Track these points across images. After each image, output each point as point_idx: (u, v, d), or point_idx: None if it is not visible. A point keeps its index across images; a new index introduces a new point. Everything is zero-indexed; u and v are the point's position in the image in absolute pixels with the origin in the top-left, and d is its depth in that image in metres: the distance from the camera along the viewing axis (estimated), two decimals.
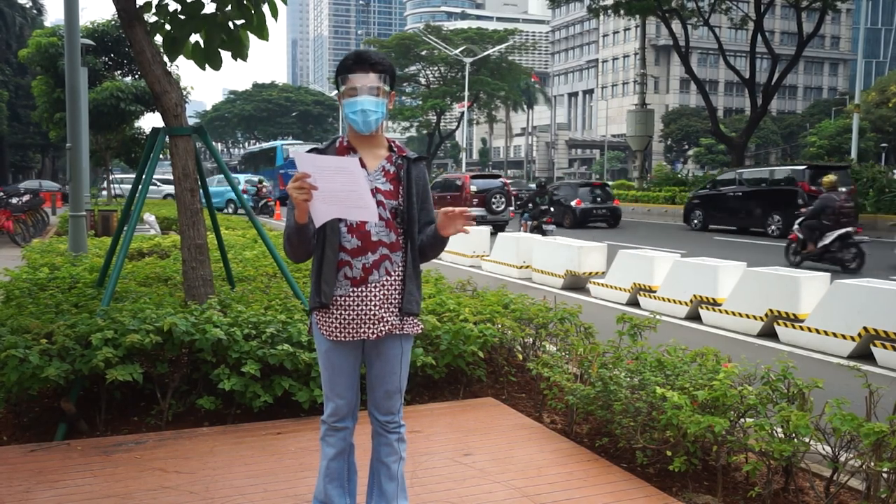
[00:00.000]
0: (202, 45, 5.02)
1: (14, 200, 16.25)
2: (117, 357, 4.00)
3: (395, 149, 2.68)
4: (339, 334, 2.59)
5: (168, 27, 5.00)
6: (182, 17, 4.97)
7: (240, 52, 5.04)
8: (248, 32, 5.07)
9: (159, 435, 4.14)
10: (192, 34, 5.00)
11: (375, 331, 2.59)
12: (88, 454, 3.85)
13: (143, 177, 5.51)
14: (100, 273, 5.95)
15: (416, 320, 2.69)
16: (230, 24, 5.00)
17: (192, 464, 3.74)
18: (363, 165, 2.57)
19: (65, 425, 4.12)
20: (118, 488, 3.44)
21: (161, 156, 5.80)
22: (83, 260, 7.79)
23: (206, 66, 5.06)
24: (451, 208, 2.57)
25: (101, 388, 4.23)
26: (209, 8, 4.98)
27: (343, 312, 2.58)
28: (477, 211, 19.84)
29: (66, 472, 3.62)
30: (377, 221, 2.54)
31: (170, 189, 33.78)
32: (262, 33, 5.03)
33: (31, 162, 58.53)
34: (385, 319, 2.60)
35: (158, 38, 5.16)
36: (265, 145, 49.15)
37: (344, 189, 2.39)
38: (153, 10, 5.03)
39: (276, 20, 5.14)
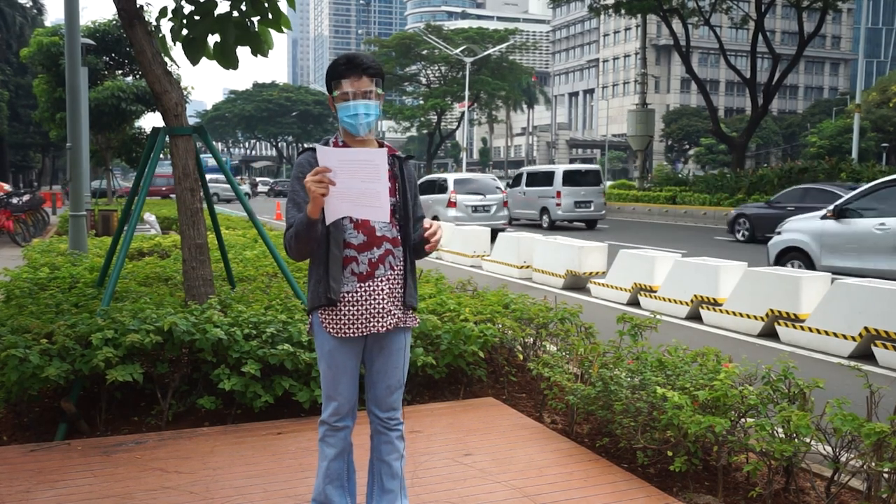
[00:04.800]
0: (219, 45, 4.99)
1: (14, 200, 16.26)
2: (117, 357, 4.00)
3: (386, 148, 2.71)
4: (346, 331, 2.60)
5: (185, 31, 4.98)
6: (196, 17, 4.95)
7: (259, 49, 5.00)
8: (268, 28, 5.04)
9: (159, 435, 4.14)
10: (209, 35, 4.97)
11: (384, 324, 2.62)
12: (88, 454, 3.85)
13: (144, 176, 5.51)
14: (100, 273, 5.95)
15: (414, 314, 2.75)
16: (246, 21, 4.98)
17: (193, 464, 3.73)
18: None
19: (65, 425, 4.12)
20: (118, 488, 3.44)
21: (161, 155, 5.80)
22: (83, 260, 7.80)
23: (225, 66, 5.03)
24: (431, 230, 2.58)
25: (101, 388, 4.23)
26: (223, 7, 4.97)
27: (351, 309, 2.59)
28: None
29: (66, 472, 3.62)
30: (387, 220, 2.55)
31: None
32: (280, 25, 5.00)
33: (31, 162, 58.52)
34: (392, 312, 2.64)
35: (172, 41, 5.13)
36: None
37: (362, 185, 2.39)
38: (168, 17, 5.00)
39: (294, 10, 5.12)
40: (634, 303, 9.30)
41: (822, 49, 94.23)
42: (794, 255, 9.98)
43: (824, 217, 9.70)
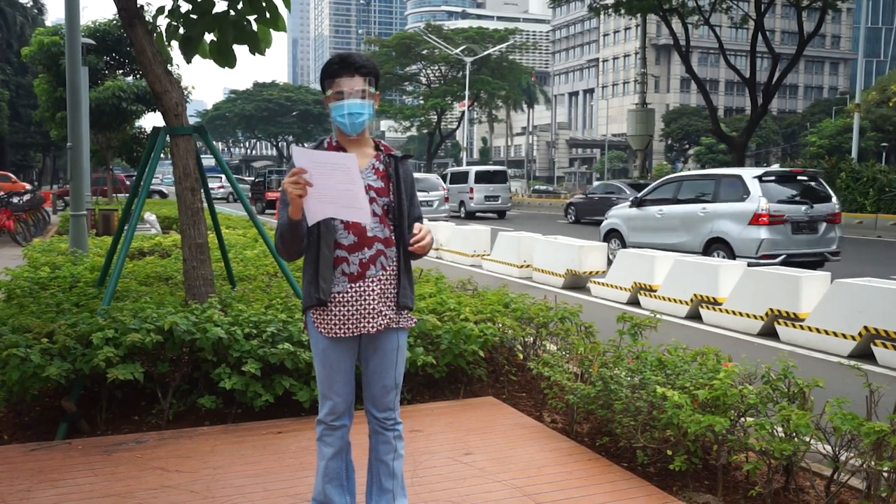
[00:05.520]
0: (216, 44, 5.00)
1: (15, 200, 16.27)
2: (118, 356, 4.00)
3: (382, 147, 2.74)
4: (337, 331, 2.61)
5: (182, 30, 4.98)
6: (193, 16, 4.95)
7: (256, 47, 5.01)
8: (266, 28, 5.05)
9: (160, 434, 4.14)
10: (206, 33, 4.97)
11: (375, 325, 2.62)
12: (89, 453, 3.85)
13: (144, 176, 5.51)
14: (100, 272, 5.95)
15: (410, 314, 2.74)
16: (244, 20, 4.98)
17: (193, 463, 3.74)
18: None
19: (66, 424, 4.12)
20: (119, 487, 3.45)
21: (162, 155, 5.80)
22: (84, 259, 7.80)
23: (222, 64, 5.03)
24: (417, 236, 2.57)
25: (101, 387, 4.23)
26: (220, 6, 4.97)
27: (342, 309, 2.60)
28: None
29: (66, 471, 3.63)
30: (369, 223, 2.56)
31: None
32: (277, 25, 5.02)
33: (31, 161, 58.52)
34: (384, 313, 2.63)
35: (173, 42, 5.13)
36: None
37: (339, 187, 2.39)
38: (165, 14, 5.00)
39: (288, 10, 5.13)
40: (634, 302, 9.31)
41: (821, 49, 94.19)
42: (614, 235, 13.28)
43: (630, 206, 12.95)
